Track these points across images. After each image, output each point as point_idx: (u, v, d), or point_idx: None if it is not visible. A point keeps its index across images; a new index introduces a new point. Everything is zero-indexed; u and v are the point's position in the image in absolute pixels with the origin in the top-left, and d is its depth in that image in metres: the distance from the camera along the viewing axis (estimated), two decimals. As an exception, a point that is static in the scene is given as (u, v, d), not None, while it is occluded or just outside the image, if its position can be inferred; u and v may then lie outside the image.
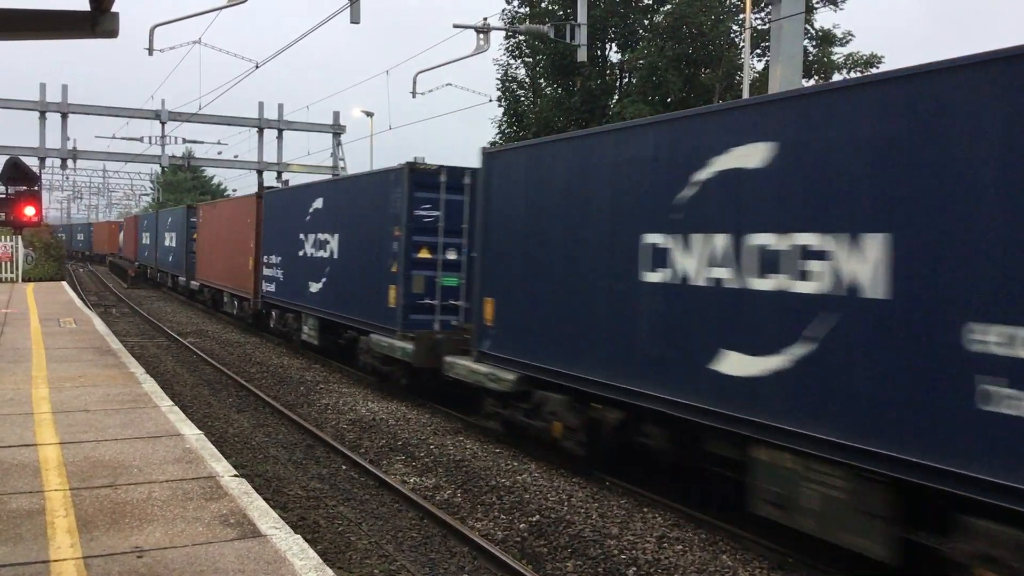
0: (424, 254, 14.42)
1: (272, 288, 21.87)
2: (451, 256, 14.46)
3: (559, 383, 10.27)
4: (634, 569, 7.64)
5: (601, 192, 9.64)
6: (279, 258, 21.23)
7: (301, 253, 19.45)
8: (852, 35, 31.76)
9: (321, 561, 5.55)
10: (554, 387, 10.43)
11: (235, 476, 7.42)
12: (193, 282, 32.30)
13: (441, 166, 14.59)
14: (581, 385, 9.84)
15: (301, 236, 19.49)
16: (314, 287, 18.56)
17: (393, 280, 14.62)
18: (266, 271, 22.36)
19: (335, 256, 17.46)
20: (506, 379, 11.14)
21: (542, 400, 10.70)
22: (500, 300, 11.53)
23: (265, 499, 7.15)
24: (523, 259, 11.08)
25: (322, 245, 18.10)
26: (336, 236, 17.43)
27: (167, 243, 38.18)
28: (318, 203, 18.68)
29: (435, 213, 14.40)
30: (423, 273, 14.41)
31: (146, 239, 45.12)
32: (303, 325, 19.66)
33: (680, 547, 8.12)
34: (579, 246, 9.98)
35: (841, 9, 31.67)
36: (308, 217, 19.13)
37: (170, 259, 37.63)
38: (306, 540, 6.13)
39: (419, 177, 14.40)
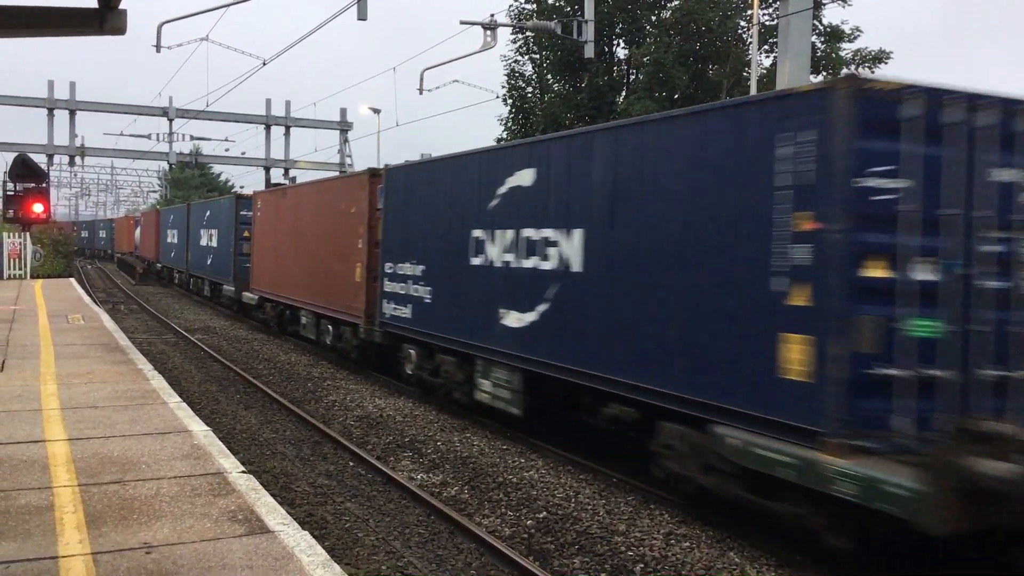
0: (876, 270, 6.99)
1: (406, 312, 14.95)
2: (923, 275, 7.04)
3: None
4: (641, 566, 7.63)
5: None
6: (422, 267, 14.49)
7: (478, 261, 12.69)
8: (860, 31, 31.89)
9: (329, 557, 5.57)
10: None
11: (243, 472, 7.45)
12: (247, 293, 25.23)
13: (906, 85, 7.09)
14: None
15: (477, 233, 12.74)
16: (513, 319, 11.63)
17: (796, 323, 7.27)
18: (390, 286, 15.57)
19: (572, 268, 10.48)
20: None
21: None
22: None
23: (273, 495, 7.17)
24: None
25: (534, 248, 11.30)
26: (577, 233, 10.43)
27: (203, 242, 31.55)
28: (522, 178, 11.73)
29: (899, 184, 7.02)
30: (876, 312, 6.96)
31: (172, 237, 38.63)
32: (480, 377, 12.67)
33: (687, 544, 8.11)
34: None
35: (849, 5, 31.73)
36: (494, 202, 12.29)
37: (208, 262, 30.86)
38: (314, 536, 6.14)
39: (869, 108, 6.98)
